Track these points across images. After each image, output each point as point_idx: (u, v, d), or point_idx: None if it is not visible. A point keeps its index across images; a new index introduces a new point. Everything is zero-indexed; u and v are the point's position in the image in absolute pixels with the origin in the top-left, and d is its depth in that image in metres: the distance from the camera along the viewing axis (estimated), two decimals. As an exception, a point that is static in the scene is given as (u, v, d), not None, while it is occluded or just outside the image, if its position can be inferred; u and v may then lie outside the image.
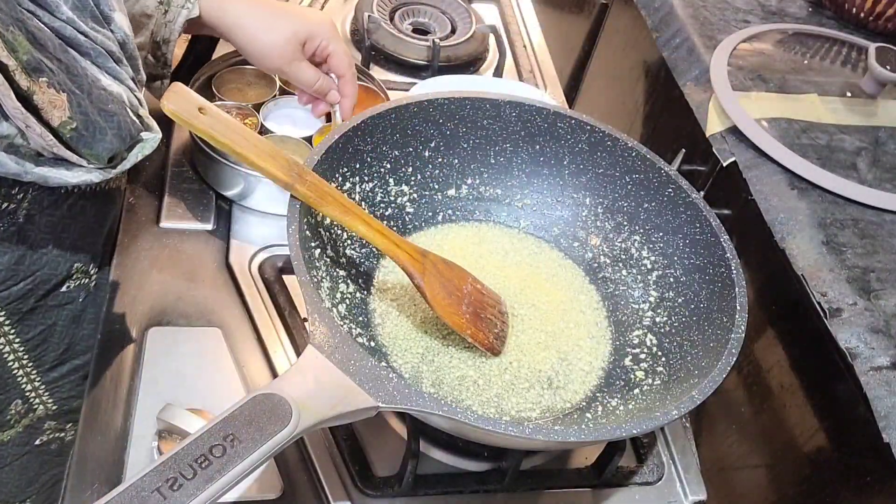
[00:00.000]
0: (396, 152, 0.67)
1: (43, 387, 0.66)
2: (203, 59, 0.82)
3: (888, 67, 0.82)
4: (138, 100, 0.58)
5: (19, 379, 0.63)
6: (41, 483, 0.71)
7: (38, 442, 0.69)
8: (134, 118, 0.56)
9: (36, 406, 0.66)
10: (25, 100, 0.47)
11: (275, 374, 0.63)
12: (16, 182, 0.53)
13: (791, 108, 0.81)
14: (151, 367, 0.61)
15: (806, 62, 0.90)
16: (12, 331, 0.60)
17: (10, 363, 0.62)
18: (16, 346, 0.61)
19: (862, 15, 0.95)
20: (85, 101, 0.51)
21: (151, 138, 0.58)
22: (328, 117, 0.81)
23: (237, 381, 0.61)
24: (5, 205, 0.54)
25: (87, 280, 0.65)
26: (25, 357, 0.63)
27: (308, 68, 0.72)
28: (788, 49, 0.92)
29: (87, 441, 0.56)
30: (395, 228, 0.67)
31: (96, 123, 0.51)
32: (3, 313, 0.59)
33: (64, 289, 0.63)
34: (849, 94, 0.85)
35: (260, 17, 0.68)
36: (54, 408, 0.68)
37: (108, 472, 0.55)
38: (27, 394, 0.65)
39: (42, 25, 0.49)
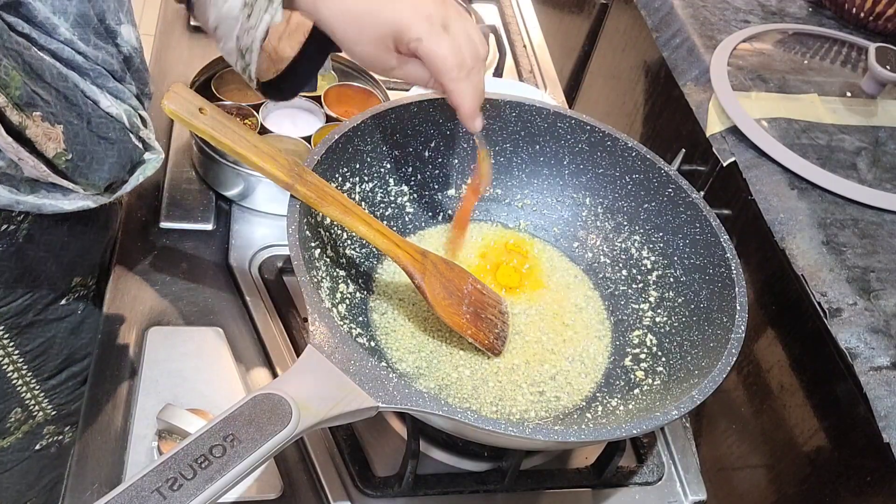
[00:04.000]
0: (396, 152, 0.67)
1: (42, 394, 0.66)
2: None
3: (888, 67, 0.82)
4: (142, 118, 0.57)
5: (19, 388, 0.63)
6: (41, 486, 0.71)
7: (37, 447, 0.69)
8: (136, 142, 0.55)
9: (35, 413, 0.66)
10: (18, 133, 0.46)
11: (275, 374, 0.63)
12: None
13: (791, 108, 0.81)
14: (151, 367, 0.61)
15: (806, 62, 0.90)
16: (11, 343, 0.60)
17: (10, 374, 0.62)
18: (15, 357, 0.61)
19: (862, 15, 0.95)
20: (83, 131, 0.50)
21: (154, 159, 0.57)
22: (328, 118, 0.81)
23: (237, 381, 0.61)
24: (5, 226, 0.54)
25: (85, 291, 0.65)
26: (25, 368, 0.63)
27: (415, 69, 0.56)
28: (788, 49, 0.92)
29: (87, 441, 0.56)
30: (395, 228, 0.67)
31: (94, 153, 0.51)
32: (2, 328, 0.58)
33: (63, 302, 0.63)
34: (849, 94, 0.85)
35: (347, 23, 0.53)
36: (53, 413, 0.68)
37: (108, 472, 0.55)
38: (27, 402, 0.65)
39: (40, 54, 0.48)
